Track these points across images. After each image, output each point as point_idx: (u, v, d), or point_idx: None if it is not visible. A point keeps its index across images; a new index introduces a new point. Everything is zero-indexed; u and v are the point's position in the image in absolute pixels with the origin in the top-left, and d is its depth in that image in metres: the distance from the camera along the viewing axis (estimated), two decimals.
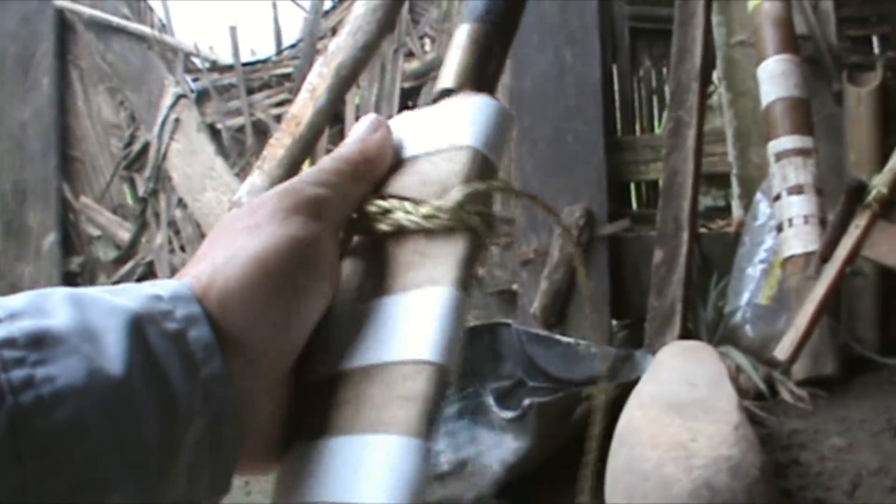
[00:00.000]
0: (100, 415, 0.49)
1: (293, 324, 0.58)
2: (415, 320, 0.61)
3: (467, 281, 0.63)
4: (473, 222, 0.64)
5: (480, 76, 0.73)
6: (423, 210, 0.64)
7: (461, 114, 0.68)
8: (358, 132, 0.69)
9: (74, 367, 0.49)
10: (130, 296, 0.55)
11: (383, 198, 0.67)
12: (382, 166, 0.68)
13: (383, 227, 0.66)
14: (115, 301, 0.53)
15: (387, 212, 0.66)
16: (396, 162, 0.70)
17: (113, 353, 0.50)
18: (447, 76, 0.73)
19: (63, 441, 0.47)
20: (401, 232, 0.66)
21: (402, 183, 0.68)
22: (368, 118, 0.70)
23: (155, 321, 0.53)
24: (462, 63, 0.73)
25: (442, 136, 0.68)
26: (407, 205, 0.65)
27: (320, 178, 0.64)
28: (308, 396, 0.63)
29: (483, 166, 0.67)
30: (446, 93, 0.72)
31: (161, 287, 0.56)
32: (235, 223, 0.60)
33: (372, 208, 0.67)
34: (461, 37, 0.74)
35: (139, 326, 0.52)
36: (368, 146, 0.68)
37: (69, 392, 0.48)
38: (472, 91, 0.71)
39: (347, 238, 0.69)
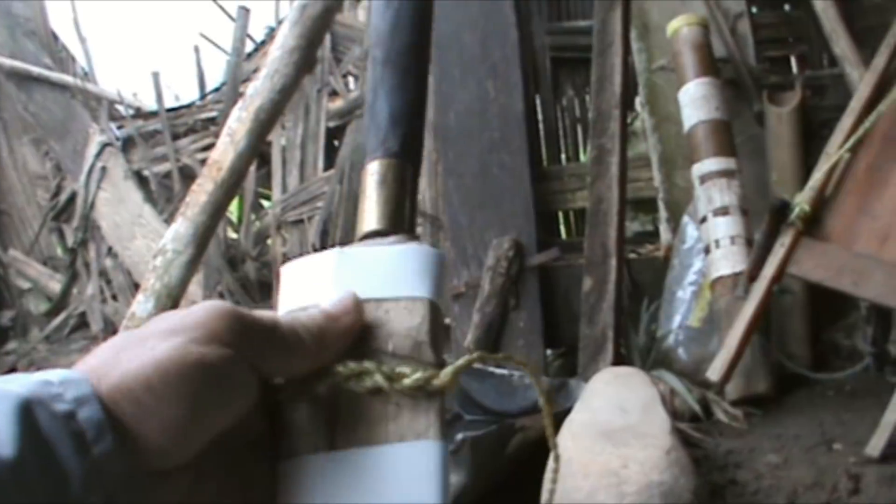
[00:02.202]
0: None
1: (186, 428, 0.57)
2: (413, 477, 0.64)
3: (445, 429, 0.66)
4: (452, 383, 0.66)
5: (407, 217, 0.76)
6: (408, 382, 0.65)
7: (408, 264, 0.70)
8: (334, 306, 0.68)
9: None
10: (20, 382, 0.54)
11: (356, 357, 0.67)
12: (335, 349, 0.67)
13: (357, 388, 0.66)
14: (3, 387, 0.53)
15: (362, 374, 0.66)
16: None
17: (2, 437, 0.50)
18: (374, 217, 0.75)
19: None
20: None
21: (366, 332, 0.68)
22: (349, 299, 0.68)
23: (44, 404, 0.53)
24: (386, 204, 0.75)
25: (394, 285, 0.69)
26: (385, 369, 0.65)
27: (269, 328, 0.63)
28: None
29: (437, 315, 0.69)
30: (376, 234, 0.74)
31: (52, 374, 0.56)
32: (161, 325, 0.60)
33: (342, 369, 0.66)
34: (375, 174, 0.76)
35: (28, 410, 0.52)
36: (331, 329, 0.66)
37: None
38: (404, 234, 0.74)
39: (302, 388, 0.67)
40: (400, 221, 0.75)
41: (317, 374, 0.66)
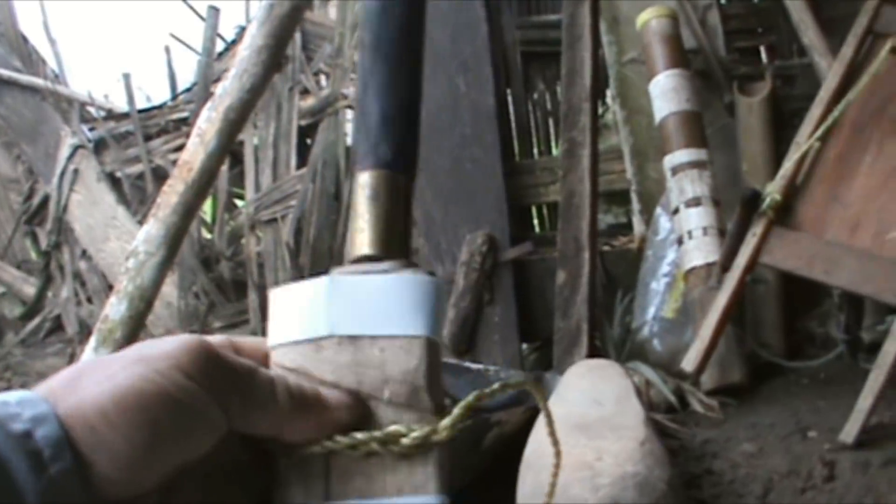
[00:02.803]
0: None
1: (140, 460, 0.56)
2: None
3: (446, 480, 0.64)
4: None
5: (403, 240, 0.72)
6: (406, 442, 0.63)
7: (405, 296, 0.67)
8: (334, 395, 0.65)
9: None
10: None
11: (348, 431, 0.65)
12: (314, 430, 0.64)
13: (350, 453, 0.65)
14: None
15: (356, 446, 0.64)
16: (338, 339, 0.67)
17: None
18: (366, 239, 0.71)
19: None
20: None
21: (360, 375, 0.66)
22: (352, 397, 0.66)
23: (1, 423, 0.53)
24: (379, 225, 0.71)
25: (390, 320, 0.66)
26: (379, 436, 0.64)
27: (243, 373, 0.62)
28: None
29: (435, 354, 0.67)
30: (370, 258, 0.71)
31: (10, 395, 0.55)
32: (129, 353, 0.60)
33: (331, 444, 0.64)
34: (367, 188, 0.73)
35: None
36: (315, 410, 0.64)
37: None
38: (399, 260, 0.70)
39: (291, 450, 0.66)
40: (394, 245, 0.71)
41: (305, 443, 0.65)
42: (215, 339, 0.65)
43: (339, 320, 0.66)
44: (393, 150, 0.73)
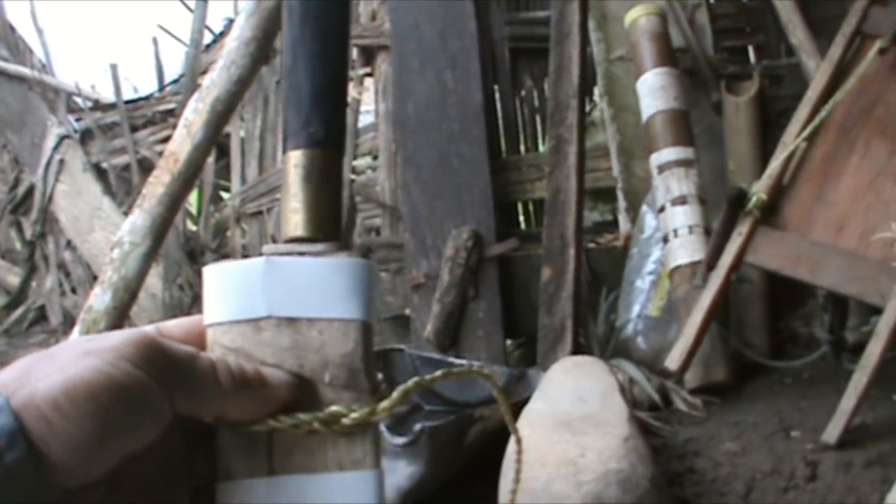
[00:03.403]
0: None
1: (93, 448, 0.57)
2: None
3: (380, 455, 0.67)
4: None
5: (336, 221, 0.73)
6: (346, 422, 0.65)
7: (341, 279, 0.68)
8: (273, 374, 0.66)
9: None
10: None
11: (286, 412, 0.66)
12: (254, 409, 0.66)
13: (294, 432, 0.66)
14: None
15: (299, 425, 0.66)
16: (276, 321, 0.68)
17: None
18: (301, 221, 0.72)
19: None
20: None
21: (300, 358, 0.67)
22: (289, 377, 0.67)
23: None
24: (313, 206, 0.72)
25: (326, 303, 0.68)
26: (322, 416, 0.66)
27: (185, 359, 0.63)
28: None
29: (369, 336, 0.69)
30: (301, 240, 0.72)
31: None
32: (76, 346, 0.60)
33: (275, 423, 0.66)
34: (300, 167, 0.73)
35: None
36: (256, 389, 0.65)
37: None
38: (334, 242, 0.71)
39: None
40: (328, 226, 0.72)
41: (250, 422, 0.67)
42: (146, 328, 0.66)
43: (277, 301, 0.67)
44: (325, 129, 0.73)
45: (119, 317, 3.17)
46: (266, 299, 0.67)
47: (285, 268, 0.68)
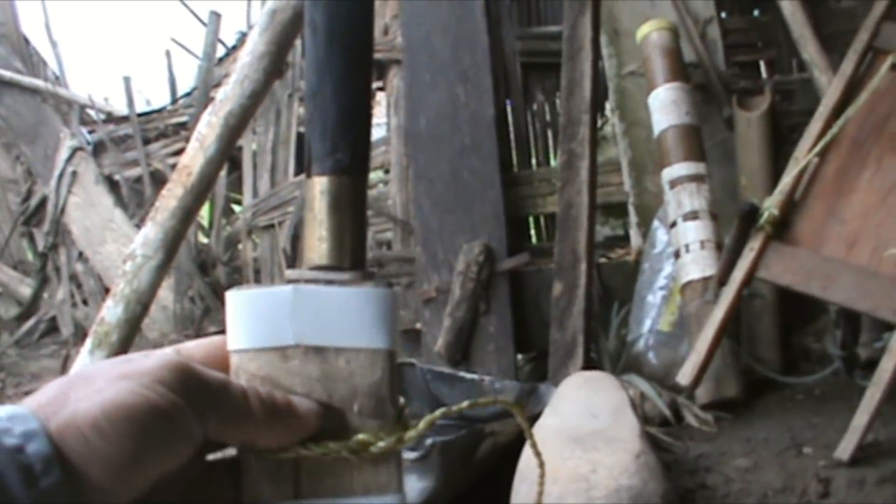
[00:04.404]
0: None
1: (129, 469, 0.59)
2: None
3: (403, 480, 0.68)
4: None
5: (362, 249, 0.73)
6: (374, 450, 0.66)
7: (368, 309, 0.69)
8: (301, 403, 0.67)
9: None
10: None
11: (316, 441, 0.67)
12: (283, 437, 0.67)
13: (322, 459, 0.67)
14: None
15: (328, 453, 0.66)
16: (304, 349, 0.68)
17: None
18: (328, 249, 0.72)
19: None
20: None
21: (329, 388, 0.68)
22: (316, 406, 0.68)
23: None
24: (341, 234, 0.72)
25: (354, 332, 0.68)
26: (352, 445, 0.67)
27: (218, 385, 0.64)
28: None
29: (395, 365, 0.69)
30: (327, 268, 0.71)
31: (1, 409, 0.58)
32: (111, 369, 0.62)
33: (306, 452, 0.67)
34: (327, 193, 0.72)
35: None
36: (285, 419, 0.66)
37: None
38: (360, 271, 0.72)
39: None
40: (355, 255, 0.72)
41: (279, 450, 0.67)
42: (163, 350, 0.67)
43: (305, 330, 0.68)
44: (351, 155, 0.73)
45: (131, 329, 3.17)
46: (293, 328, 0.68)
47: (313, 296, 0.69)
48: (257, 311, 0.69)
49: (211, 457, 0.71)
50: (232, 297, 0.70)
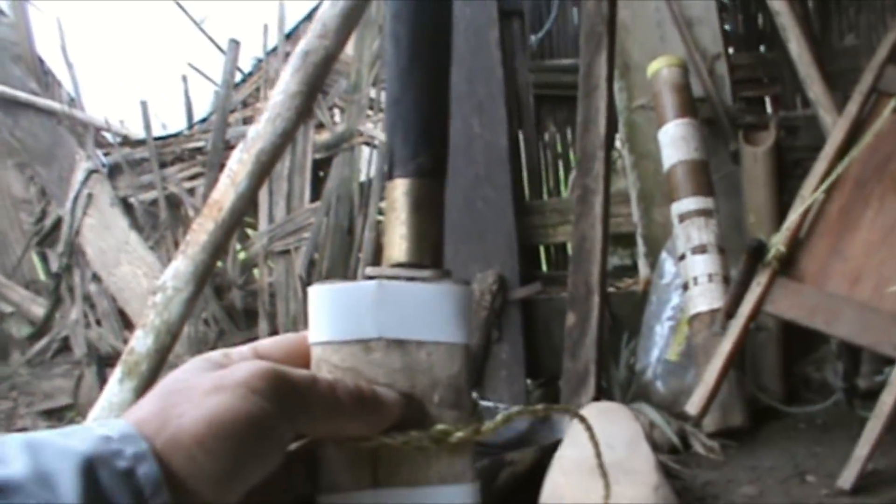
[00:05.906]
0: None
1: (231, 480, 0.61)
2: None
3: (476, 470, 0.70)
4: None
5: (440, 248, 0.75)
6: (453, 440, 0.68)
7: (448, 305, 0.71)
8: (385, 394, 0.69)
9: None
10: (81, 437, 0.58)
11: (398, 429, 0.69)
12: (370, 425, 0.68)
13: (403, 447, 0.69)
14: (66, 444, 0.57)
15: (409, 442, 0.68)
16: (386, 342, 0.70)
17: (67, 496, 0.54)
18: (408, 247, 0.74)
19: None
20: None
21: (412, 379, 0.70)
22: (400, 398, 0.69)
23: (105, 461, 0.56)
24: (421, 234, 0.74)
25: (435, 327, 0.71)
26: (434, 433, 0.68)
27: (307, 384, 0.66)
28: None
29: (471, 359, 0.72)
30: (407, 265, 0.73)
31: (110, 427, 0.59)
32: (203, 379, 0.63)
33: (389, 441, 0.68)
34: (409, 195, 0.75)
35: (90, 468, 0.55)
36: (372, 407, 0.68)
37: None
38: (439, 269, 0.74)
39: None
40: (434, 254, 0.74)
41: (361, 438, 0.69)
42: (241, 350, 0.70)
43: (387, 324, 0.70)
44: (432, 159, 0.75)
45: (160, 359, 3.23)
46: (376, 321, 0.70)
47: (395, 291, 0.71)
48: (341, 304, 0.71)
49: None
50: (315, 291, 0.72)
